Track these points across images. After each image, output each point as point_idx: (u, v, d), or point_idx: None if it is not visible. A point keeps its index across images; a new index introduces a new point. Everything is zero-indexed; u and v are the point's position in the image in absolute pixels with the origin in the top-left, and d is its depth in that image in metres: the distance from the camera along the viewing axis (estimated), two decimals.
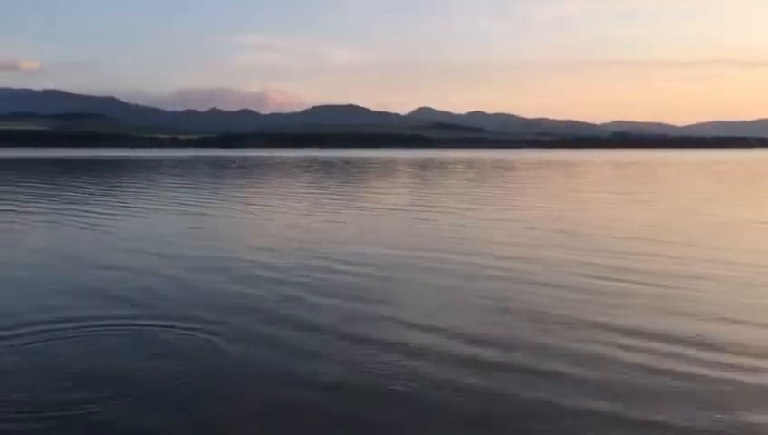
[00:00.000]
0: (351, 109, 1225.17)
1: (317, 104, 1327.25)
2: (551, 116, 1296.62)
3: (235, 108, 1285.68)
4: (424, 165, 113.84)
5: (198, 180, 64.15)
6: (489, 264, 17.31)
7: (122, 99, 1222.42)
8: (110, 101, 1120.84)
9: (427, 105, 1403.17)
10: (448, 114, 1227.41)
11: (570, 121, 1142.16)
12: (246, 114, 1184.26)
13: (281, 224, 27.18)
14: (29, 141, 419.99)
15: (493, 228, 25.25)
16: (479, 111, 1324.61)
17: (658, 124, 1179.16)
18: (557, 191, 46.89)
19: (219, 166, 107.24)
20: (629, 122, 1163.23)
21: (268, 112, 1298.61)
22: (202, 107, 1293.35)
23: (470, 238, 22.31)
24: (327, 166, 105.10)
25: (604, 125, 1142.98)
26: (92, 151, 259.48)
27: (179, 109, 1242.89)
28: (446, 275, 15.85)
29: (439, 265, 17.10)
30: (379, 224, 26.98)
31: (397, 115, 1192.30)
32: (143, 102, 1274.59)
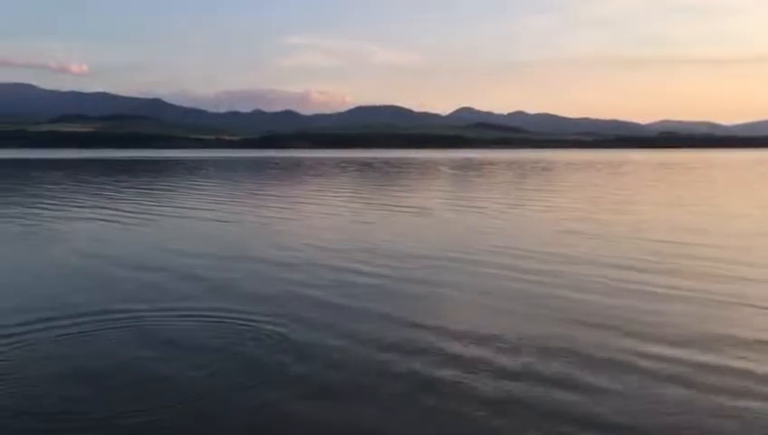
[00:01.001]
0: (393, 109, 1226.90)
1: (359, 105, 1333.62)
2: (594, 115, 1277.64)
3: (277, 108, 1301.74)
4: (462, 166, 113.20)
5: (242, 181, 64.85)
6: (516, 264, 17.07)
7: (168, 100, 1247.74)
8: (156, 103, 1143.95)
9: (469, 105, 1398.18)
10: (490, 114, 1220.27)
11: (614, 121, 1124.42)
12: (289, 115, 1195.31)
13: (323, 224, 27.32)
14: (78, 143, 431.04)
15: (520, 230, 24.90)
16: (521, 111, 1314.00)
17: (707, 123, 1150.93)
18: (594, 193, 46.01)
19: (261, 166, 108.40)
20: (676, 121, 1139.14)
21: (310, 113, 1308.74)
22: (245, 108, 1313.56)
23: (489, 241, 22.02)
24: (365, 167, 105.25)
25: (650, 125, 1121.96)
26: (139, 152, 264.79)
27: (223, 110, 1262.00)
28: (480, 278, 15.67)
29: (463, 266, 16.93)
30: (409, 225, 26.85)
31: (438, 115, 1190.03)
32: (188, 104, 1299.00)
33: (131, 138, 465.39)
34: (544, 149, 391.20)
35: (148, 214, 31.27)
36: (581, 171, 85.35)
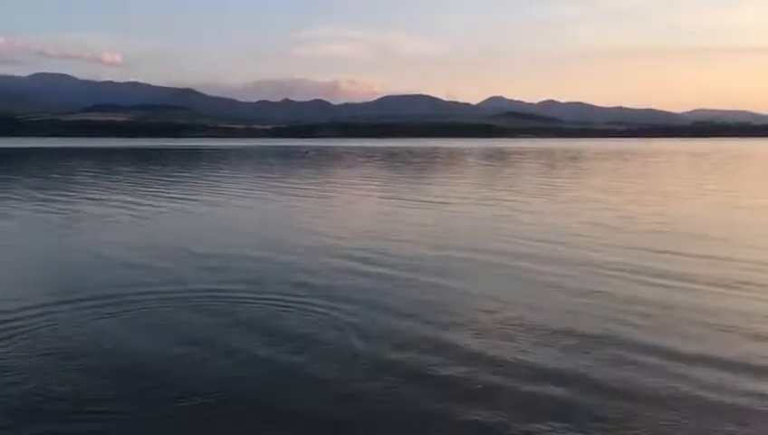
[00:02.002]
0: (422, 99, 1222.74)
1: (388, 94, 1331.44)
2: (628, 104, 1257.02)
3: (307, 98, 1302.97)
4: (490, 155, 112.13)
5: (275, 169, 64.91)
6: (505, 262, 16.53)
7: (199, 90, 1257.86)
8: (188, 93, 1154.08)
9: (499, 94, 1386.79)
10: (520, 103, 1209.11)
11: (648, 110, 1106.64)
12: (318, 104, 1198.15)
13: (346, 212, 27.05)
14: (111, 132, 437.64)
15: (536, 223, 24.27)
16: (552, 100, 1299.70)
17: (743, 112, 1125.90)
18: (620, 184, 45.01)
19: (292, 155, 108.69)
20: (712, 110, 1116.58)
21: (340, 102, 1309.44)
22: (275, 97, 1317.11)
23: (499, 234, 21.44)
24: (390, 156, 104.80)
25: (685, 114, 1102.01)
26: (172, 141, 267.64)
27: (253, 99, 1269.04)
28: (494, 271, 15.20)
29: (470, 266, 16.46)
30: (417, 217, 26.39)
31: (468, 105, 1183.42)
32: (219, 93, 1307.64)
33: (163, 127, 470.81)
34: (576, 139, 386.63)
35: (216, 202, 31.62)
36: (609, 161, 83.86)
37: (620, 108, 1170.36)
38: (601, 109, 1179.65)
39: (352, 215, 28.00)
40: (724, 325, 10.92)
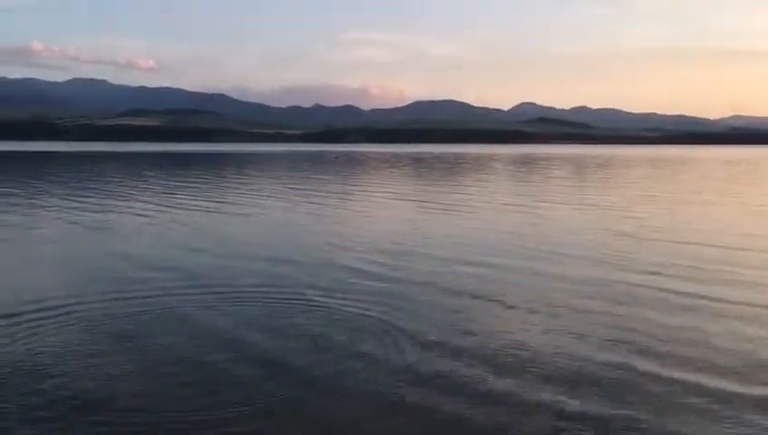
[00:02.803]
0: (452, 104, 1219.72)
1: (418, 99, 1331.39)
2: (661, 111, 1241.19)
3: (337, 103, 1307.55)
4: (516, 161, 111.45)
5: (305, 174, 65.35)
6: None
7: (231, 95, 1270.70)
8: (220, 98, 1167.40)
9: (530, 100, 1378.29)
10: (552, 109, 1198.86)
11: (681, 116, 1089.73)
12: (348, 110, 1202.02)
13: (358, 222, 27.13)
14: (144, 136, 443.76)
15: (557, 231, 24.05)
16: (584, 106, 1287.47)
17: None
18: (650, 192, 44.40)
19: (322, 160, 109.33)
20: (748, 117, 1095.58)
21: (369, 108, 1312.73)
22: (306, 102, 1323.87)
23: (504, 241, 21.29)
24: (416, 162, 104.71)
25: (720, 120, 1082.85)
26: (203, 146, 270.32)
27: (284, 105, 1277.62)
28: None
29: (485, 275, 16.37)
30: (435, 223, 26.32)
31: (498, 110, 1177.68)
32: (250, 99, 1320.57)
33: (195, 132, 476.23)
34: (607, 146, 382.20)
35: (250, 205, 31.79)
36: (639, 168, 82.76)
37: (653, 114, 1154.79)
38: (633, 115, 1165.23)
39: (378, 222, 28.00)
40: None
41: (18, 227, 24.84)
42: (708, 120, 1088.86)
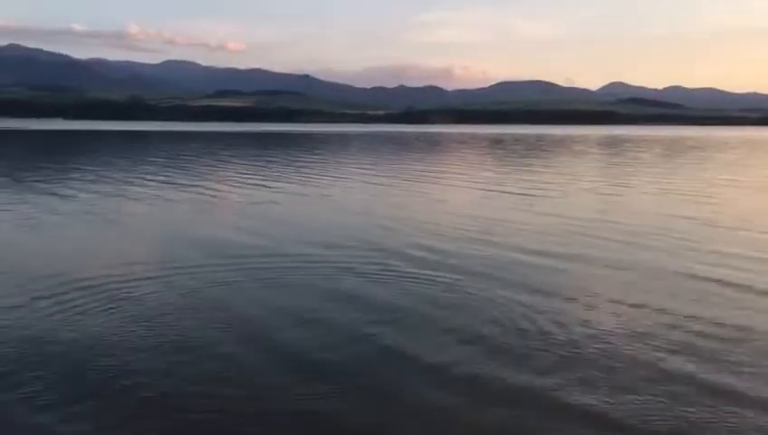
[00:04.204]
0: (539, 84, 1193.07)
1: (503, 80, 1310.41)
2: (763, 90, 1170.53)
3: (420, 84, 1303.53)
4: (602, 143, 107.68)
5: (383, 155, 65.44)
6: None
7: (317, 76, 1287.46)
8: (306, 79, 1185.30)
9: (620, 80, 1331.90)
10: (643, 89, 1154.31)
11: None
12: (432, 90, 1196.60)
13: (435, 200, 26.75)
14: (233, 117, 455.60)
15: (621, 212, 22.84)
16: (678, 86, 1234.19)
17: None
18: (732, 176, 41.79)
19: (403, 141, 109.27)
20: None
21: (453, 88, 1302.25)
22: (389, 83, 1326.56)
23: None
24: (494, 144, 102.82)
25: None
26: (290, 126, 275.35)
27: (368, 85, 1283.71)
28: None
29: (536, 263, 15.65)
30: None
31: (586, 90, 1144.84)
32: (335, 79, 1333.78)
33: (281, 112, 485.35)
34: (703, 127, 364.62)
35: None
36: (734, 151, 78.21)
37: (755, 94, 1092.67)
38: (734, 95, 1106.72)
39: (441, 206, 27.43)
40: None
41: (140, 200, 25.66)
42: None
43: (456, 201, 27.83)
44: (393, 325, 10.32)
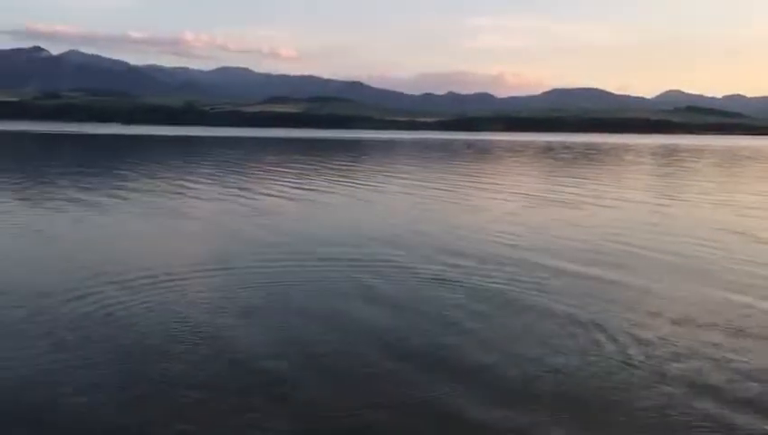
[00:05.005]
0: (592, 92, 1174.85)
1: (555, 87, 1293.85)
2: None
3: (471, 91, 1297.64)
4: (656, 152, 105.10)
5: (428, 162, 65.29)
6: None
7: (367, 83, 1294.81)
8: (356, 86, 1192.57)
9: (676, 88, 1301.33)
10: (701, 97, 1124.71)
11: None
12: (482, 97, 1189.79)
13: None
14: (285, 123, 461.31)
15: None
16: (739, 94, 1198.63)
17: None
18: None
19: (452, 149, 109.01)
20: None
21: (504, 95, 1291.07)
22: (439, 90, 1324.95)
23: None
24: (542, 152, 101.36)
25: None
26: (340, 133, 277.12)
27: (417, 92, 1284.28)
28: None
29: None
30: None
31: (641, 99, 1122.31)
32: (385, 86, 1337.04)
33: (332, 119, 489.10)
34: (764, 136, 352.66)
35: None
36: None
37: None
38: None
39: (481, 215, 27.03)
40: None
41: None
42: None
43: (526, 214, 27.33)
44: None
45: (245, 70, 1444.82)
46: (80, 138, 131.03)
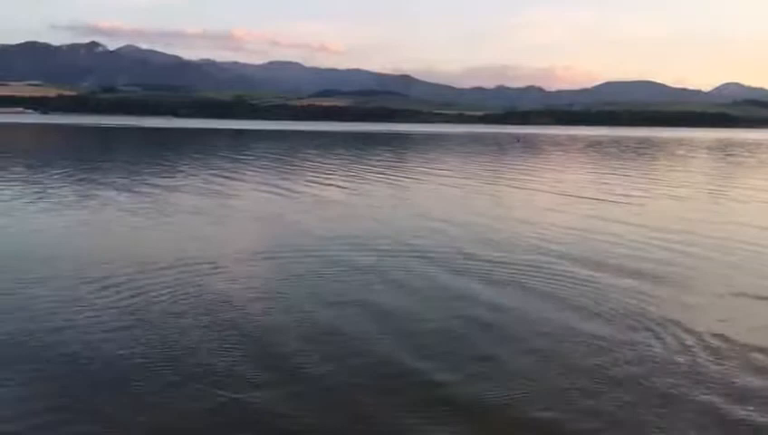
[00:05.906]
0: (646, 85, 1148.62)
1: (608, 80, 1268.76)
2: None
3: (521, 84, 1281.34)
4: (711, 147, 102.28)
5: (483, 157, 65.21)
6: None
7: (416, 76, 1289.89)
8: (405, 79, 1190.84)
9: (735, 80, 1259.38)
10: (761, 90, 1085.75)
11: None
12: (533, 91, 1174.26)
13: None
14: (334, 117, 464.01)
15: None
16: None
17: None
18: None
19: (498, 143, 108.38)
20: None
21: (555, 89, 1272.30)
22: (489, 84, 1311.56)
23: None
24: (589, 146, 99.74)
25: None
26: (389, 126, 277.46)
27: (468, 86, 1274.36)
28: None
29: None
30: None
31: (698, 92, 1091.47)
32: (435, 80, 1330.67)
33: (381, 112, 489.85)
34: None
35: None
36: None
37: None
38: None
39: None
40: None
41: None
42: None
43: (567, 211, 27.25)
44: None
45: (296, 64, 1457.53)
46: (140, 131, 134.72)
